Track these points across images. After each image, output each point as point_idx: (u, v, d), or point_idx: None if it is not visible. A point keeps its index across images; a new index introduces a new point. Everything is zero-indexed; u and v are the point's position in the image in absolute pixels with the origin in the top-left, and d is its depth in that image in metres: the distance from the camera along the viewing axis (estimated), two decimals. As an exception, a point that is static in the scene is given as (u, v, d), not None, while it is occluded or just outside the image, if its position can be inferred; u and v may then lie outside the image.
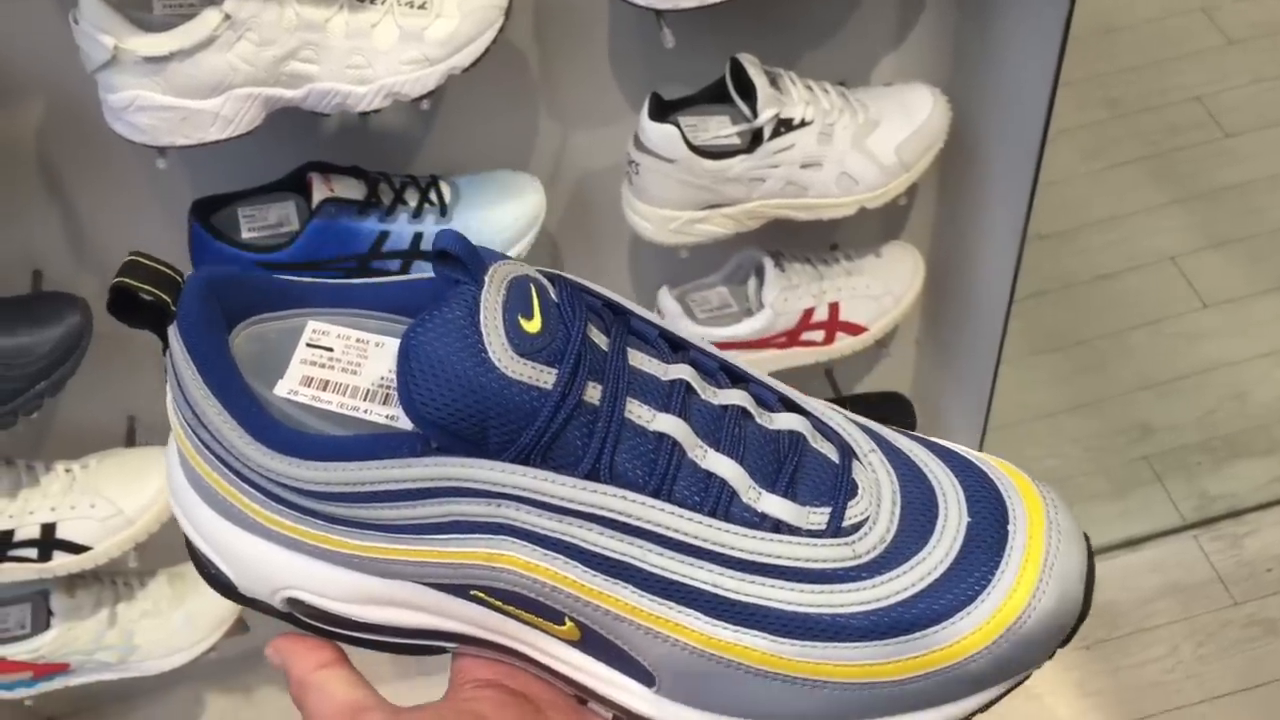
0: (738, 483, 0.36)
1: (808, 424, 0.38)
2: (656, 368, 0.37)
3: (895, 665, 0.35)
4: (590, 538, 0.35)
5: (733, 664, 0.35)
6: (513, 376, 0.34)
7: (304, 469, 0.36)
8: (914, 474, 0.38)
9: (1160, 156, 1.76)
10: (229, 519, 0.38)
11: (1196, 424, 1.50)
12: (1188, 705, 1.29)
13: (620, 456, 0.35)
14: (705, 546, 0.35)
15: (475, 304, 0.34)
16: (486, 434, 0.34)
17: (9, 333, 0.86)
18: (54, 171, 0.91)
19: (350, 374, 0.39)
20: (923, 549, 0.36)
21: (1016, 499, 0.37)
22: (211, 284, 0.38)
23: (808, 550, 0.35)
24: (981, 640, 0.35)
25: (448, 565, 0.36)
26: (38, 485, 0.96)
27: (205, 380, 0.37)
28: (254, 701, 1.35)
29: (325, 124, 0.92)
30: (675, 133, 0.90)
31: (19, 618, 1.04)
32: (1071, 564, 0.36)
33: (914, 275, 1.11)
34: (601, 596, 0.35)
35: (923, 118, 0.97)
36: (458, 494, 0.35)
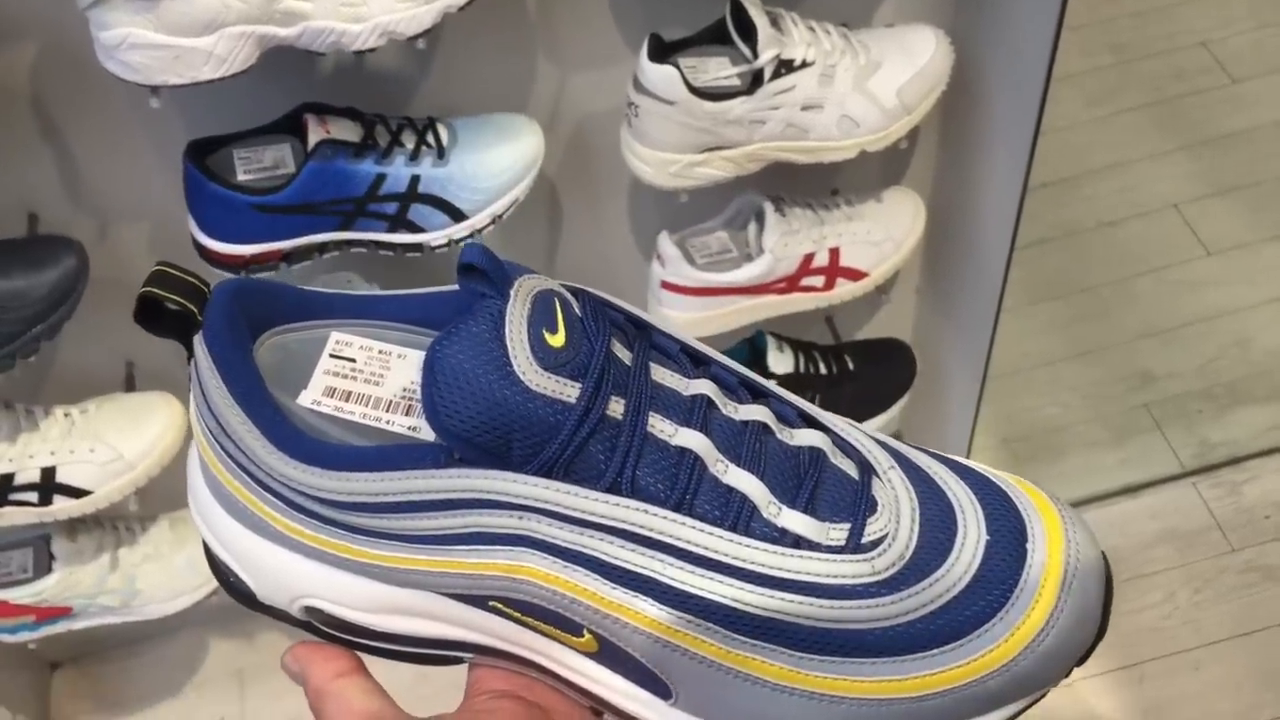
0: (758, 498, 0.36)
1: (828, 440, 0.38)
2: (678, 383, 0.38)
3: (913, 682, 0.35)
4: (611, 551, 0.35)
5: (750, 678, 0.36)
6: (537, 390, 0.34)
7: (327, 479, 0.36)
8: (933, 491, 0.38)
9: (1165, 103, 1.74)
10: (250, 527, 0.39)
11: (1198, 371, 1.50)
12: (1184, 650, 1.30)
13: (642, 471, 0.35)
14: (726, 561, 0.35)
15: (500, 317, 0.34)
16: (510, 447, 0.34)
17: (4, 276, 0.86)
18: (48, 113, 0.90)
19: (373, 385, 0.40)
20: (941, 566, 0.36)
21: (1035, 517, 0.37)
22: (237, 295, 0.38)
23: (827, 566, 0.35)
24: (1000, 658, 0.35)
25: (468, 576, 0.36)
26: (37, 429, 0.96)
27: (230, 390, 0.37)
28: (256, 646, 1.36)
29: (320, 65, 0.91)
30: (675, 74, 0.89)
31: (21, 562, 1.05)
32: (1090, 582, 0.36)
33: (915, 220, 1.11)
34: (621, 609, 0.35)
35: (925, 59, 0.96)
36: (480, 505, 0.35)
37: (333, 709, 0.38)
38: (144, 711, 1.34)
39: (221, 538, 0.39)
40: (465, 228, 0.92)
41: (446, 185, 0.90)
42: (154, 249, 1.00)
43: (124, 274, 1.01)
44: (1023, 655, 0.35)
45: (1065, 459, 1.45)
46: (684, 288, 1.02)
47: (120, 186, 0.95)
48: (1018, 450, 1.46)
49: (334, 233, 0.90)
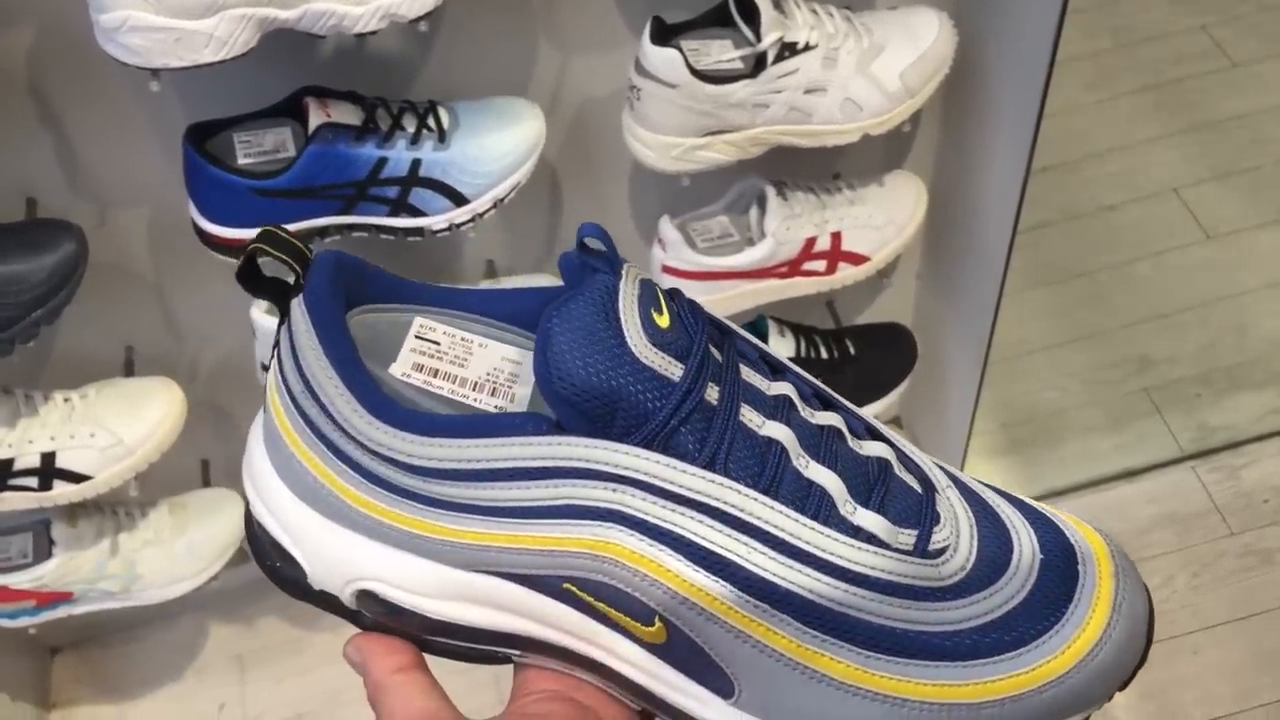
0: (836, 495, 0.37)
1: (893, 454, 0.39)
2: (761, 383, 0.39)
3: (974, 688, 0.36)
4: (700, 530, 0.35)
5: (817, 675, 0.36)
6: (645, 363, 0.35)
7: (421, 445, 0.36)
8: (987, 511, 0.39)
9: (1165, 86, 1.74)
10: (314, 506, 0.39)
11: (1197, 356, 1.50)
12: (1182, 634, 1.30)
13: (734, 455, 0.36)
14: (807, 549, 0.36)
15: (614, 292, 0.36)
16: (614, 417, 0.35)
17: (3, 260, 0.85)
18: (47, 97, 0.89)
19: (458, 366, 0.41)
20: (1001, 578, 0.37)
21: (1082, 540, 0.39)
22: (339, 266, 0.39)
23: (900, 565, 0.36)
24: (1057, 669, 0.36)
25: (548, 553, 0.36)
26: (36, 415, 0.96)
27: (326, 353, 0.37)
28: (256, 631, 1.36)
29: (321, 48, 0.91)
30: (677, 57, 0.88)
31: (21, 547, 1.05)
32: (1138, 605, 0.38)
33: (917, 205, 1.10)
34: (700, 594, 0.36)
35: (928, 43, 0.95)
36: (577, 475, 0.35)
37: (391, 703, 0.38)
38: (144, 696, 1.34)
39: (280, 515, 0.39)
40: (466, 212, 0.91)
41: (448, 169, 0.90)
42: (153, 233, 0.99)
43: (123, 258, 1.00)
44: (1077, 669, 0.36)
45: (1065, 443, 1.45)
46: (685, 272, 1.02)
47: (120, 170, 0.95)
48: (1017, 435, 1.46)
49: (335, 217, 0.89)
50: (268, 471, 0.40)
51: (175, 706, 1.33)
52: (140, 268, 1.02)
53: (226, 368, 1.13)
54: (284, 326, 0.39)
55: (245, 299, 0.93)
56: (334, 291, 0.39)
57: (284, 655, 1.34)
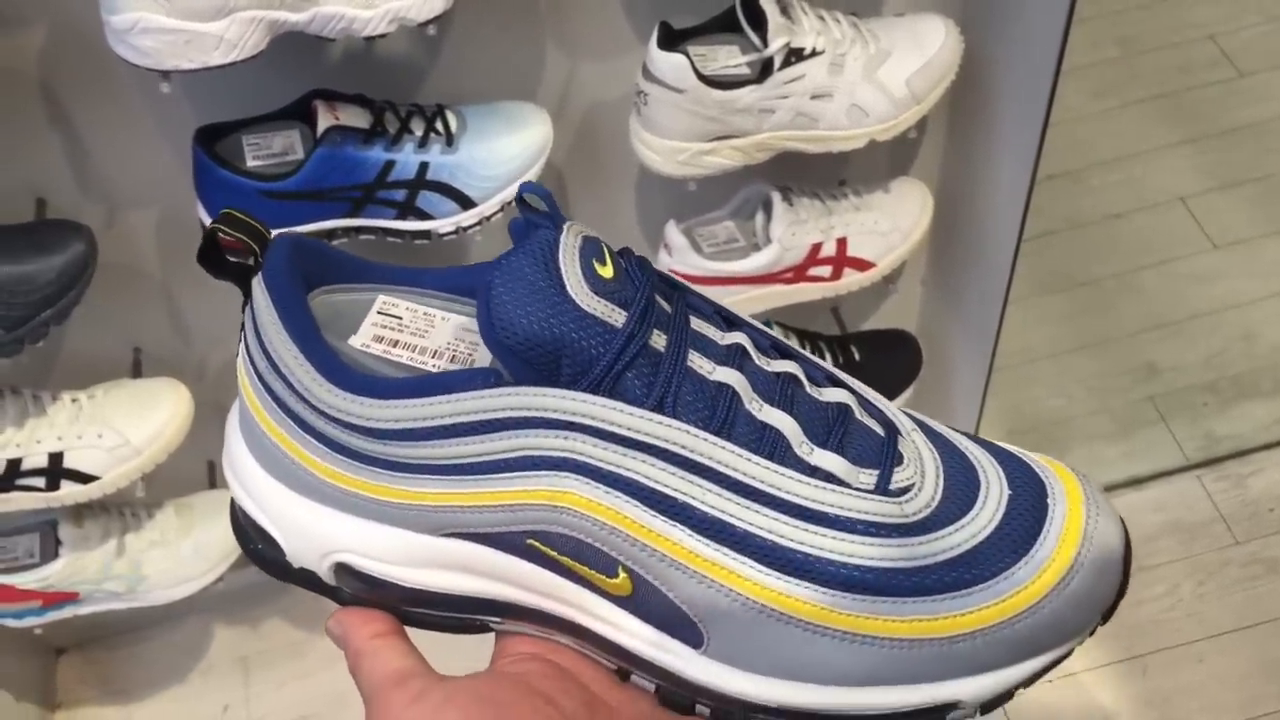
0: (792, 436, 0.37)
1: (854, 399, 0.39)
2: (714, 334, 0.39)
3: (944, 622, 0.36)
4: (652, 473, 0.36)
5: (783, 617, 0.36)
6: (587, 310, 0.36)
7: (376, 408, 0.37)
8: (954, 451, 0.39)
9: (1172, 96, 1.74)
10: (286, 482, 0.40)
11: (1203, 364, 1.50)
12: (1187, 643, 1.30)
13: (682, 399, 0.36)
14: (762, 489, 0.36)
15: (555, 244, 0.36)
16: (559, 365, 0.36)
17: (13, 260, 0.86)
18: (57, 98, 0.90)
19: (419, 337, 0.41)
20: (968, 513, 0.37)
21: (1053, 476, 0.39)
22: (298, 246, 0.40)
23: (860, 503, 0.36)
24: (1028, 599, 0.36)
25: (508, 508, 0.37)
26: (45, 415, 0.96)
27: (286, 327, 0.38)
28: (261, 633, 1.37)
29: (330, 51, 0.91)
30: (684, 62, 0.88)
31: (27, 547, 1.05)
32: (1110, 535, 0.38)
33: (922, 211, 1.11)
34: (658, 539, 0.36)
35: (934, 49, 0.96)
36: (527, 425, 0.36)
37: (368, 667, 0.38)
38: (149, 698, 1.34)
39: (256, 495, 0.40)
40: (473, 215, 0.92)
41: (455, 172, 0.90)
42: (162, 235, 1.00)
43: (132, 259, 1.01)
44: (1049, 598, 0.36)
45: (1070, 451, 1.45)
46: (691, 276, 1.02)
47: (129, 172, 0.95)
48: (1022, 442, 1.43)
49: (342, 219, 0.90)
50: (243, 454, 0.41)
51: (180, 708, 1.33)
52: (149, 269, 1.02)
53: (234, 370, 1.13)
54: (247, 307, 0.40)
55: (253, 301, 0.94)
56: (292, 269, 0.39)
57: (289, 658, 1.35)
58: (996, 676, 0.37)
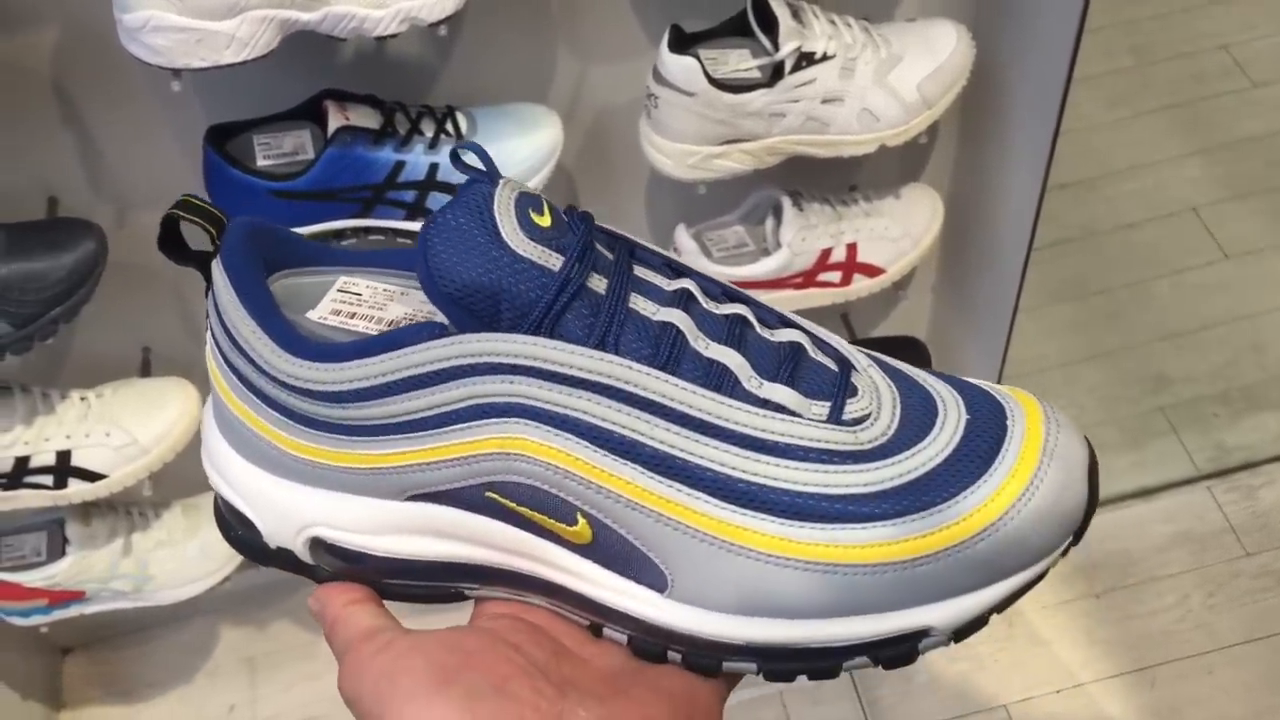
0: (740, 370, 0.37)
1: (807, 339, 0.39)
2: (660, 280, 0.39)
3: (903, 545, 0.36)
4: (597, 411, 0.36)
5: (742, 550, 0.36)
6: (523, 254, 0.36)
7: (331, 370, 0.38)
8: (911, 385, 0.39)
9: (1185, 105, 1.73)
10: (256, 462, 0.40)
11: (1214, 375, 1.49)
12: (1196, 654, 1.29)
13: (625, 338, 0.36)
14: (711, 421, 0.36)
15: (489, 196, 0.37)
16: (499, 310, 0.36)
17: (25, 258, 0.86)
18: (69, 96, 0.90)
19: (377, 310, 0.42)
20: (926, 437, 0.37)
21: (1014, 402, 0.39)
22: (254, 230, 0.41)
23: (811, 431, 0.36)
24: (986, 517, 0.36)
25: (463, 461, 0.37)
26: (53, 413, 0.97)
27: (243, 303, 0.39)
28: (268, 634, 1.37)
29: (341, 52, 0.91)
30: (695, 65, 0.88)
31: (35, 545, 1.05)
32: (1073, 450, 0.37)
33: (933, 217, 1.10)
34: (610, 479, 0.36)
35: (946, 54, 0.95)
36: (473, 372, 0.36)
37: (341, 631, 0.39)
38: (155, 698, 1.34)
39: (230, 479, 0.41)
40: (483, 217, 0.92)
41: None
42: (172, 234, 1.00)
43: (142, 258, 1.01)
44: (1009, 515, 0.36)
45: (1080, 461, 1.44)
46: (700, 281, 1.02)
47: (140, 171, 0.96)
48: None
49: (352, 219, 0.90)
50: (217, 440, 0.41)
51: (186, 708, 1.33)
52: (159, 268, 1.01)
53: (242, 370, 1.13)
54: (209, 292, 0.40)
55: (262, 300, 0.94)
56: (249, 250, 0.40)
57: (295, 659, 1.35)
58: (965, 601, 0.36)
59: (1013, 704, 1.28)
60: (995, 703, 1.28)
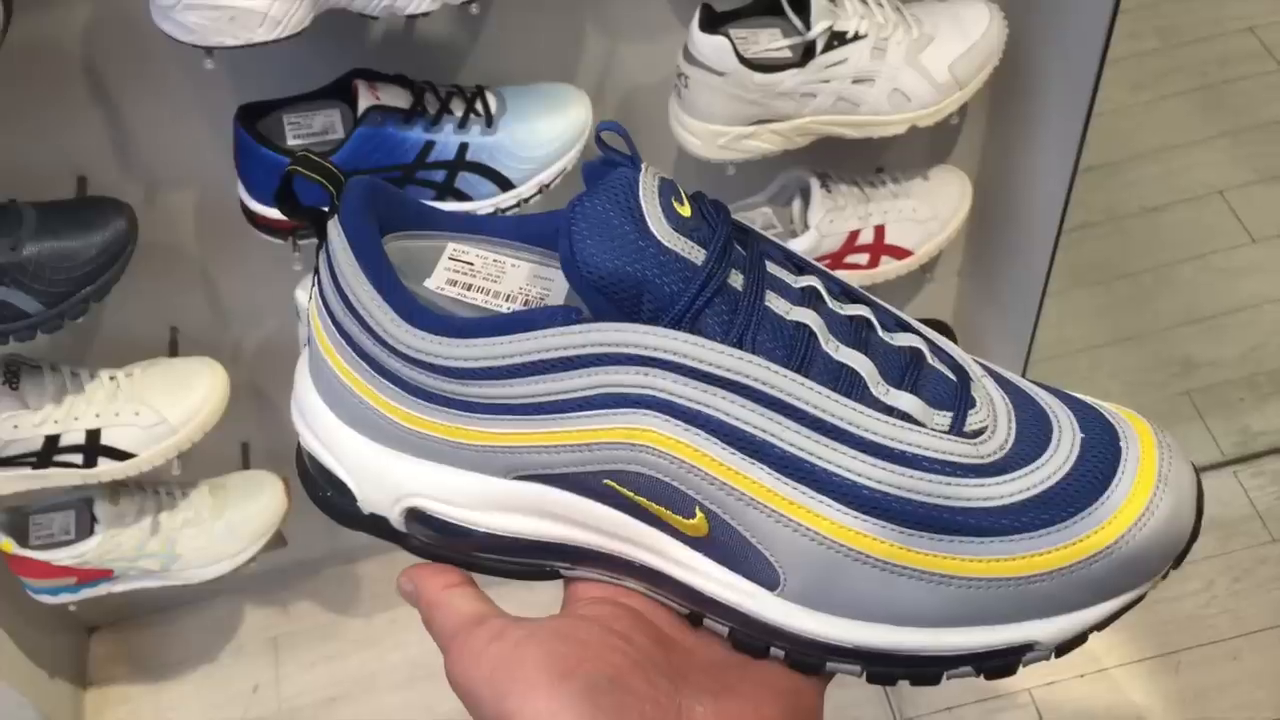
0: (868, 376, 0.37)
1: (926, 345, 0.39)
2: (788, 276, 0.39)
3: (1020, 562, 0.36)
4: (732, 410, 0.36)
5: (861, 557, 0.36)
6: (668, 246, 0.36)
7: (457, 346, 0.37)
8: (1025, 398, 0.39)
9: (1212, 88, 1.72)
10: (358, 427, 0.40)
11: (1240, 360, 1.48)
12: (1222, 640, 1.28)
13: (760, 338, 0.36)
14: (841, 426, 0.36)
15: (635, 182, 0.37)
16: (640, 300, 0.36)
17: (55, 237, 0.86)
18: (99, 74, 0.90)
19: (491, 282, 0.42)
20: (1043, 455, 0.37)
21: (1123, 421, 0.39)
22: (372, 189, 0.41)
23: (937, 443, 0.37)
24: (1104, 539, 0.36)
25: (586, 447, 0.37)
26: (83, 392, 0.97)
27: (362, 268, 0.39)
28: (292, 615, 1.37)
29: (371, 31, 0.91)
30: (726, 45, 0.88)
31: (64, 524, 1.06)
32: (1184, 477, 0.38)
33: (961, 200, 1.10)
34: (737, 477, 0.36)
35: (978, 34, 0.95)
36: (607, 361, 0.36)
37: (441, 615, 0.39)
38: (180, 676, 1.35)
39: (327, 440, 0.41)
40: (512, 197, 0.91)
41: (495, 154, 0.90)
42: (201, 214, 1.00)
43: (172, 237, 1.01)
44: (1124, 540, 0.36)
45: (1104, 445, 1.43)
46: (728, 262, 1.02)
47: (170, 150, 0.95)
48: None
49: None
50: (313, 400, 0.41)
51: (210, 687, 1.34)
52: (188, 248, 1.03)
53: (269, 351, 1.14)
54: (322, 250, 0.40)
55: (290, 281, 0.94)
56: (366, 211, 0.40)
57: (319, 639, 1.35)
58: (1073, 618, 0.37)
59: (1036, 688, 1.27)
60: (1019, 687, 1.28)
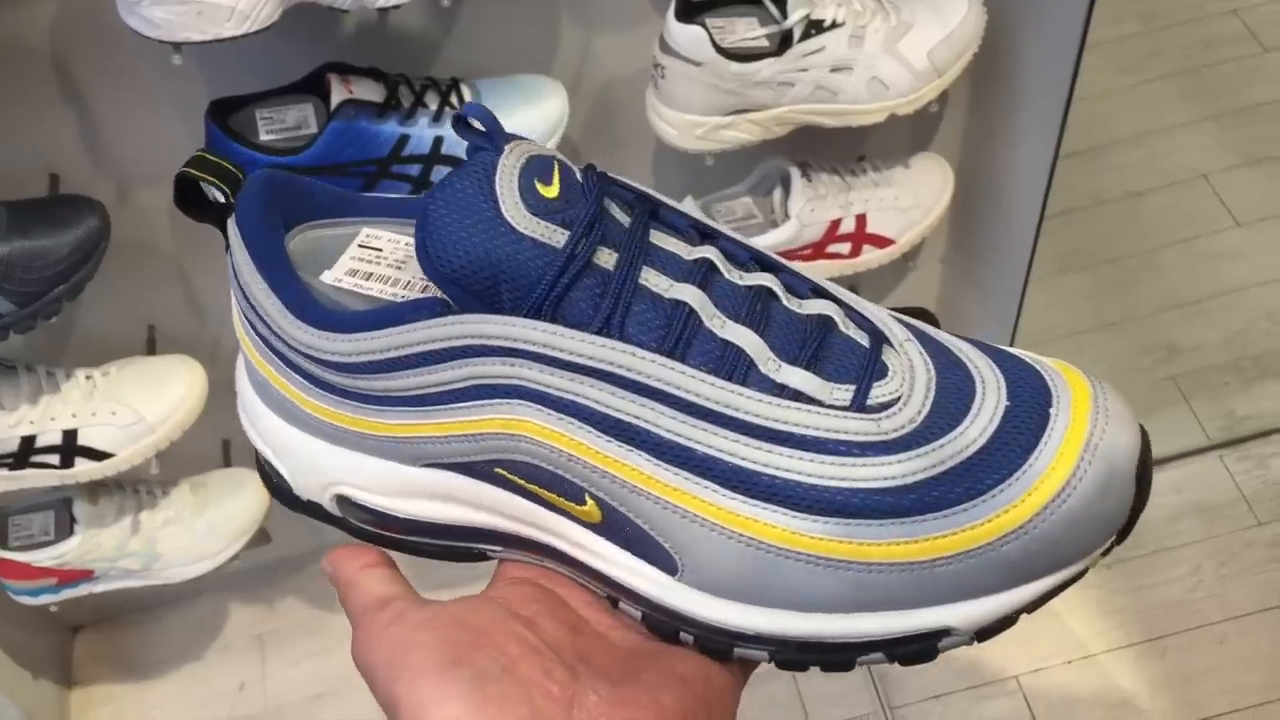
0: (756, 353, 0.35)
1: (840, 312, 0.37)
2: (680, 248, 0.37)
3: (923, 545, 0.33)
4: (601, 397, 0.35)
5: (753, 542, 0.34)
6: (524, 232, 0.35)
7: (336, 341, 0.37)
8: (952, 361, 0.36)
9: (1195, 72, 1.71)
10: (284, 417, 0.40)
11: (1225, 344, 1.48)
12: (1208, 624, 1.29)
13: (631, 320, 0.35)
14: (719, 410, 0.34)
15: (492, 167, 0.35)
16: (499, 290, 0.35)
17: (27, 235, 0.85)
18: (69, 71, 0.89)
19: (395, 269, 0.41)
20: (954, 430, 0.34)
21: (1063, 386, 0.36)
22: (271, 183, 0.40)
23: (829, 421, 0.34)
24: (1015, 519, 0.33)
25: (469, 438, 0.37)
26: (59, 392, 0.96)
27: (256, 265, 0.38)
28: (277, 612, 1.37)
29: (343, 24, 0.90)
30: (702, 34, 0.87)
31: (43, 524, 1.05)
32: (1119, 446, 0.34)
33: (943, 187, 1.09)
34: (616, 465, 0.35)
35: (956, 21, 0.94)
36: (474, 353, 0.35)
37: (353, 596, 0.39)
38: (165, 675, 1.34)
39: (263, 433, 0.41)
40: (489, 190, 0.91)
41: (470, 147, 0.89)
42: (176, 211, 0.98)
43: (147, 235, 1.00)
44: (1040, 517, 0.33)
45: (1090, 431, 1.43)
46: (709, 253, 1.01)
47: (141, 147, 0.95)
48: (1042, 422, 1.44)
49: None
50: (248, 392, 0.41)
51: (196, 686, 1.34)
52: (163, 245, 1.02)
53: (248, 347, 1.13)
54: (228, 252, 0.39)
55: (267, 277, 0.93)
56: (264, 206, 0.39)
57: (305, 636, 1.35)
58: (991, 602, 0.34)
59: (1024, 675, 1.27)
60: (1006, 674, 1.28)
